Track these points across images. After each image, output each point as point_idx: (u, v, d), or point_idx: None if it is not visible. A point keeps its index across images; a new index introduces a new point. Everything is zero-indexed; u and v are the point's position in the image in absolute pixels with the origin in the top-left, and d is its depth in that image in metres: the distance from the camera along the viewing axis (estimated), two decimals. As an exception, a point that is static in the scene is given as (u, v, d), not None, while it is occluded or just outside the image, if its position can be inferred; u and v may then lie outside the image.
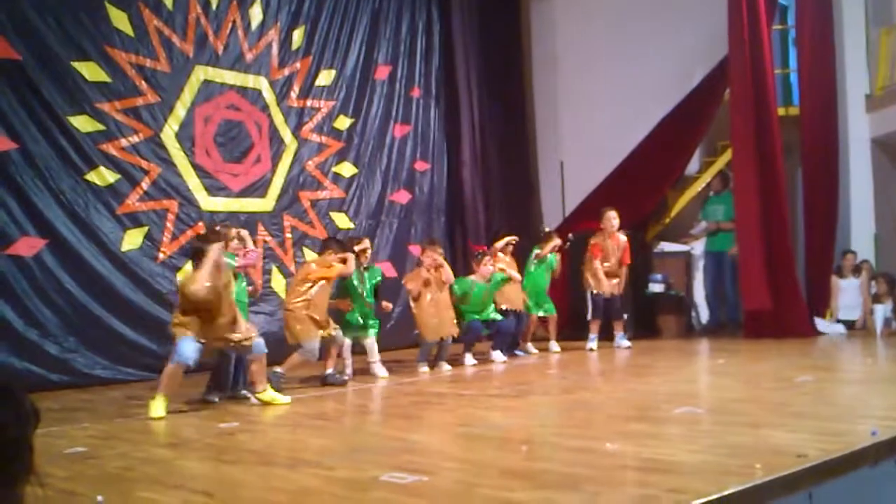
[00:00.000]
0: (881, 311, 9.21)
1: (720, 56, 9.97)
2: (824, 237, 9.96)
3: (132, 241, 8.04)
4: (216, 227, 6.60)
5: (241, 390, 6.23)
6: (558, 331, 9.34)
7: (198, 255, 5.64)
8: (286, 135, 9.53)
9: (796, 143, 10.10)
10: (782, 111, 10.16)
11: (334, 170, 10.04)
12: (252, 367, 5.93)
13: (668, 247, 10.83)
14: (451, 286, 8.06)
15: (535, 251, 9.20)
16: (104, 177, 7.87)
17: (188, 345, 5.57)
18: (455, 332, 7.94)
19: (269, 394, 5.91)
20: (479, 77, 11.58)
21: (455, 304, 8.07)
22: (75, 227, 7.64)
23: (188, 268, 5.98)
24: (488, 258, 8.38)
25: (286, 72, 9.58)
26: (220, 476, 3.89)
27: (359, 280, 7.41)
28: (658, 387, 6.11)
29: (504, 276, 8.44)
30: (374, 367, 7.46)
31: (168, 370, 5.59)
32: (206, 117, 8.75)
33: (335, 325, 7.00)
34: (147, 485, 3.60)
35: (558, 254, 9.32)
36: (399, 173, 10.75)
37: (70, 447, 4.49)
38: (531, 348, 9.01)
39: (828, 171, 10.03)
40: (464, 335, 8.10)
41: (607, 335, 9.05)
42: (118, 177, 7.98)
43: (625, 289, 9.20)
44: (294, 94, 9.65)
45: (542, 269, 9.17)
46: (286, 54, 9.60)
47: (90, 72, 7.83)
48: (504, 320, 8.36)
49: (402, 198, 10.76)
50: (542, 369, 7.91)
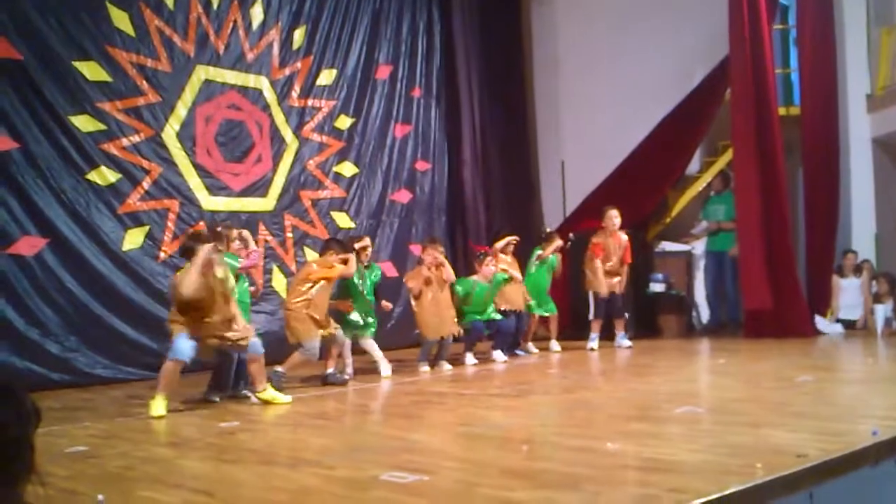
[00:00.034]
0: (882, 310, 9.21)
1: (721, 56, 9.96)
2: (825, 237, 9.96)
3: (133, 240, 8.05)
4: (217, 228, 6.61)
5: (242, 390, 6.25)
6: (559, 330, 9.35)
7: (188, 255, 5.68)
8: (287, 134, 9.53)
9: (797, 143, 10.09)
10: (783, 111, 10.15)
11: (335, 169, 10.04)
12: (250, 367, 5.94)
13: (668, 246, 10.82)
14: (454, 286, 8.08)
15: (538, 252, 9.20)
16: (105, 176, 7.89)
17: (184, 341, 5.62)
18: (455, 330, 7.94)
19: (269, 393, 5.91)
20: (480, 78, 11.58)
21: (457, 304, 8.08)
22: (76, 226, 7.65)
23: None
24: (490, 258, 8.38)
25: (287, 71, 9.58)
26: (220, 475, 3.90)
27: (359, 278, 7.42)
28: (659, 386, 6.11)
29: (505, 276, 8.45)
30: (380, 364, 7.47)
31: (165, 368, 5.64)
32: (207, 117, 8.76)
33: (336, 324, 7.01)
34: (148, 484, 3.60)
35: (559, 254, 9.33)
36: (400, 173, 10.75)
37: (71, 446, 4.50)
38: (532, 348, 9.01)
39: (829, 171, 10.02)
40: (466, 336, 8.11)
41: (608, 334, 9.06)
42: (119, 176, 8.00)
43: (626, 288, 9.21)
44: (295, 93, 9.65)
45: (544, 269, 9.17)
46: (287, 54, 9.60)
47: (91, 71, 7.83)
48: (504, 320, 8.37)
49: (403, 197, 10.76)
50: (543, 369, 7.91)
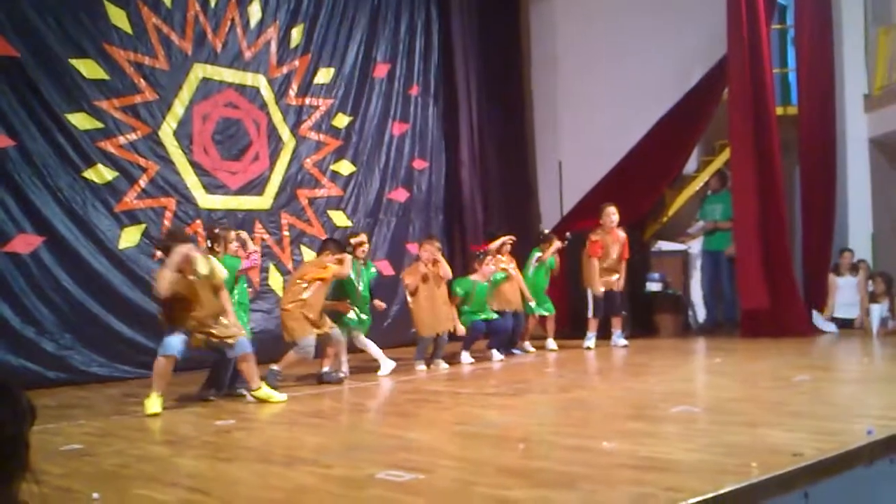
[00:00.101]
0: (878, 310, 9.21)
1: (719, 55, 9.96)
2: (822, 236, 9.97)
3: (130, 238, 8.04)
4: (216, 230, 6.62)
5: (238, 388, 6.24)
6: (557, 329, 9.35)
7: (167, 253, 5.73)
8: (284, 133, 9.52)
9: (794, 143, 10.11)
10: (781, 110, 10.17)
11: (332, 168, 10.03)
12: (241, 367, 5.94)
13: (665, 246, 10.83)
14: (454, 286, 8.09)
15: (537, 254, 9.19)
16: (102, 174, 7.87)
17: (174, 336, 5.67)
18: (450, 326, 7.94)
19: (264, 391, 5.92)
20: (478, 77, 11.57)
21: (457, 305, 8.09)
22: (73, 224, 7.64)
23: None
24: (490, 258, 8.39)
25: (285, 70, 9.57)
26: (216, 473, 3.89)
27: (356, 274, 7.43)
28: (655, 386, 6.11)
29: (503, 275, 8.46)
30: (381, 361, 7.47)
31: (157, 364, 5.68)
32: (204, 115, 8.74)
33: (332, 323, 7.01)
34: (143, 482, 3.60)
35: (557, 254, 9.33)
36: (397, 171, 10.74)
37: (66, 444, 4.50)
38: (528, 347, 9.01)
39: (826, 171, 10.04)
40: (467, 336, 8.12)
41: (605, 333, 9.06)
42: (116, 174, 7.98)
43: (625, 285, 9.21)
44: (292, 92, 9.64)
45: (542, 269, 9.18)
46: (285, 52, 9.59)
47: (88, 69, 7.82)
48: (499, 319, 8.37)
49: (401, 196, 10.76)
50: (540, 368, 7.91)
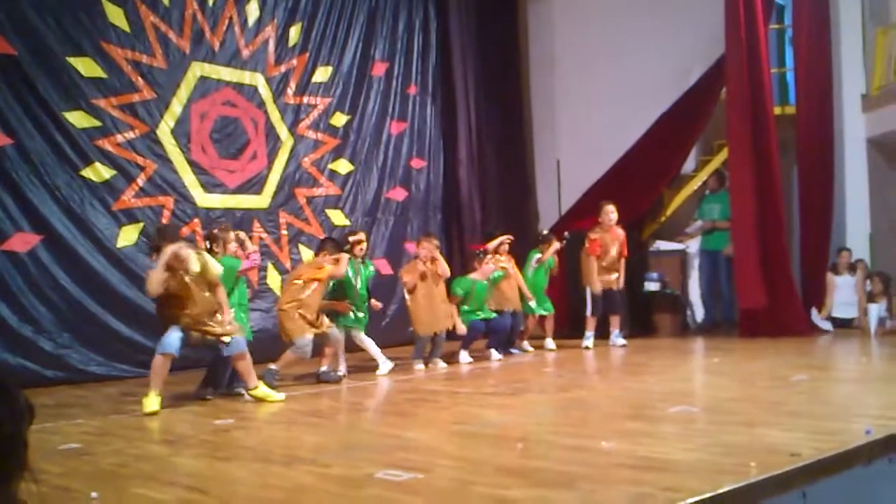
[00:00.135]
0: (875, 310, 9.22)
1: (717, 55, 9.95)
2: (820, 236, 9.97)
3: (127, 237, 8.02)
4: (215, 232, 6.62)
5: (237, 387, 6.24)
6: (556, 329, 9.34)
7: (158, 252, 5.73)
8: (282, 131, 9.51)
9: (792, 142, 10.10)
10: (778, 110, 10.16)
11: (330, 167, 10.02)
12: (237, 366, 5.94)
13: (663, 245, 10.83)
14: (454, 287, 8.10)
15: (536, 256, 9.19)
16: (100, 173, 7.86)
17: (172, 334, 5.67)
18: (449, 325, 7.93)
19: (261, 390, 5.92)
20: (476, 75, 11.56)
21: (457, 304, 8.08)
22: (70, 223, 7.63)
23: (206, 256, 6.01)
24: (490, 256, 8.39)
25: (283, 68, 9.56)
26: (214, 473, 3.89)
27: (354, 272, 7.43)
28: (653, 385, 6.11)
29: (501, 273, 8.46)
30: (379, 361, 7.47)
31: (154, 362, 5.68)
32: (202, 114, 8.73)
33: (330, 323, 7.01)
34: (141, 481, 3.60)
35: (555, 254, 9.33)
36: (395, 170, 10.73)
37: (64, 443, 4.49)
38: (527, 346, 9.01)
39: (823, 171, 10.04)
40: (467, 335, 8.11)
41: (604, 332, 9.06)
42: (114, 173, 7.97)
43: (624, 282, 9.20)
44: (290, 90, 9.63)
45: (541, 270, 9.18)
46: (283, 51, 9.58)
47: (86, 67, 7.81)
48: (498, 318, 8.37)
49: (399, 195, 10.75)
50: (538, 367, 7.91)
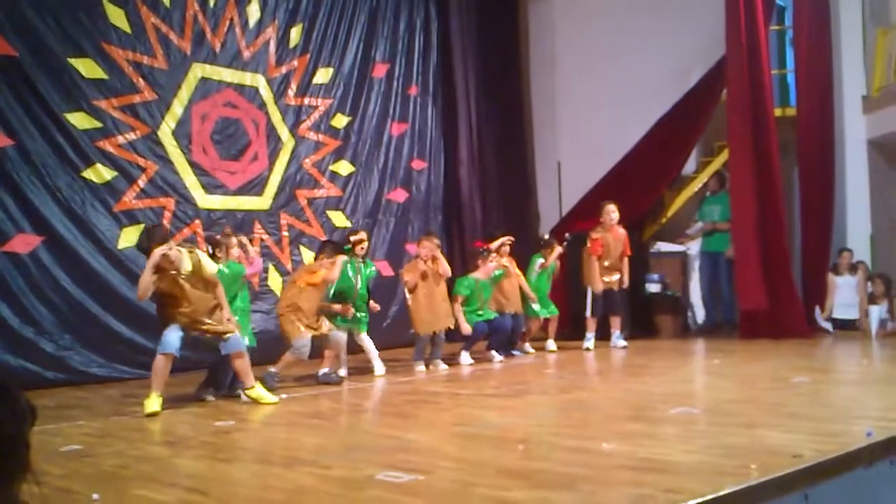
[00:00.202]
0: (876, 311, 9.21)
1: (718, 56, 9.95)
2: (820, 238, 9.97)
3: (129, 238, 8.01)
4: (217, 237, 6.64)
5: (238, 389, 6.23)
6: (558, 331, 9.34)
7: (147, 254, 5.73)
8: (283, 133, 9.51)
9: (793, 144, 10.10)
10: (779, 112, 10.16)
11: (331, 168, 10.02)
12: (234, 364, 5.94)
13: (664, 247, 10.82)
14: (457, 287, 8.11)
15: (539, 260, 9.18)
16: (101, 174, 7.86)
17: (171, 334, 5.68)
18: (449, 324, 7.92)
19: (256, 391, 5.92)
20: (477, 76, 11.56)
21: (461, 304, 8.08)
22: (72, 224, 7.63)
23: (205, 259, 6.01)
24: (493, 255, 8.40)
25: (284, 69, 9.56)
26: (215, 474, 3.89)
27: (354, 271, 7.43)
28: (654, 387, 6.11)
29: (502, 271, 8.47)
30: (374, 363, 7.49)
31: (155, 362, 5.69)
32: (203, 115, 8.73)
33: (330, 325, 7.01)
34: (142, 483, 3.60)
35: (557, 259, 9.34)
36: (396, 172, 10.73)
37: (66, 445, 4.49)
38: (528, 348, 9.00)
39: (824, 172, 10.04)
40: (469, 336, 8.12)
41: (605, 334, 9.06)
42: (115, 174, 7.97)
43: (627, 282, 9.19)
44: (291, 91, 9.63)
45: (544, 275, 9.19)
46: (284, 52, 9.58)
47: (87, 69, 7.81)
48: (499, 318, 8.37)
49: (399, 196, 10.74)
50: (539, 369, 7.91)
